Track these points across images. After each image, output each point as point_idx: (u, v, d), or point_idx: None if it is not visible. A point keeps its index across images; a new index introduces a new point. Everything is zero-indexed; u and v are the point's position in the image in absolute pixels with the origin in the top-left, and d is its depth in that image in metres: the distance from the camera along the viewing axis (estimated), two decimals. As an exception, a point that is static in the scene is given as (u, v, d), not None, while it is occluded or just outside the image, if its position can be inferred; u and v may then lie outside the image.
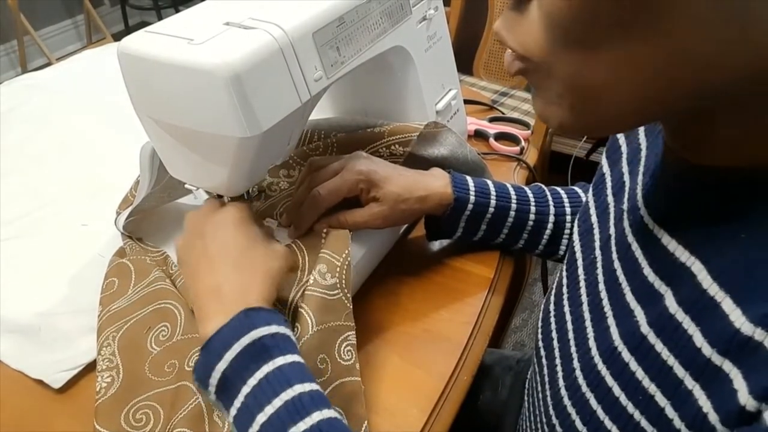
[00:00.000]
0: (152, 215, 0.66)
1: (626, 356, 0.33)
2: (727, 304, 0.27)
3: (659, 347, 0.30)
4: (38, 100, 0.98)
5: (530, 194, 0.60)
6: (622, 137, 0.46)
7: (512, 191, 0.60)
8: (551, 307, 0.47)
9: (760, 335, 0.25)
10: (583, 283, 0.42)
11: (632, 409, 0.32)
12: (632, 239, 0.36)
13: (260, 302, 0.43)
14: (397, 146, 0.64)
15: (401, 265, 0.63)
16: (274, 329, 0.42)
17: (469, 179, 0.59)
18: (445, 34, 0.70)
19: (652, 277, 0.33)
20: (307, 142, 0.68)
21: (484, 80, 1.65)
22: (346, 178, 0.55)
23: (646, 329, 0.32)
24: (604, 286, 0.38)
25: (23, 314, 0.59)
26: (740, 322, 0.26)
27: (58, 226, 0.72)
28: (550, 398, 0.42)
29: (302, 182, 0.58)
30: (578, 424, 0.37)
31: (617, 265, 0.37)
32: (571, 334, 0.41)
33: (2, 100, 0.98)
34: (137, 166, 0.60)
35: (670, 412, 0.29)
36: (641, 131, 0.43)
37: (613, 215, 0.42)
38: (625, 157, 0.44)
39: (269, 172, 0.66)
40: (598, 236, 0.43)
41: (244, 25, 0.45)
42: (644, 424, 0.31)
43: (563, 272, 0.47)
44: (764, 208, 0.27)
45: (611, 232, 0.40)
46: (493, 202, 0.58)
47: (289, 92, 0.46)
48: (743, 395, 0.24)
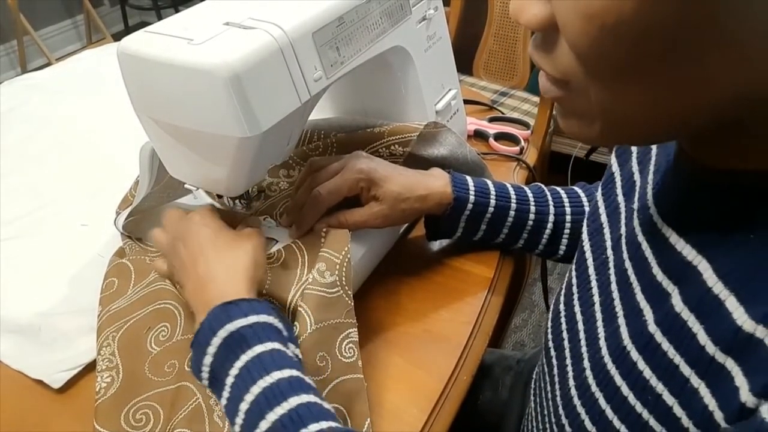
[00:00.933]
0: (152, 215, 0.66)
1: (634, 356, 0.33)
2: (731, 302, 0.27)
3: (666, 346, 0.31)
4: (38, 100, 0.98)
5: (530, 194, 0.60)
6: None
7: (512, 191, 0.60)
8: (561, 307, 0.46)
9: (761, 333, 0.25)
10: (594, 283, 0.42)
11: (640, 408, 0.32)
12: (642, 238, 0.36)
13: (241, 293, 0.45)
14: (396, 146, 0.64)
15: (401, 265, 0.63)
16: (252, 319, 0.43)
17: (468, 179, 0.59)
18: (444, 34, 0.70)
19: (660, 276, 0.33)
20: (306, 142, 0.68)
21: (483, 80, 1.66)
22: (346, 177, 0.55)
23: (653, 328, 0.32)
24: (616, 286, 0.38)
25: (23, 314, 0.59)
26: (742, 320, 0.26)
27: (58, 226, 0.72)
28: (559, 398, 0.42)
29: (302, 183, 0.58)
30: (588, 423, 0.37)
31: (628, 264, 0.37)
32: (582, 334, 0.41)
33: (2, 100, 0.98)
34: (137, 166, 0.60)
35: (677, 411, 0.29)
36: None
37: (624, 215, 0.41)
38: (635, 156, 0.44)
39: (269, 172, 0.66)
40: (608, 236, 0.43)
41: (243, 25, 0.45)
42: (653, 423, 0.31)
43: (573, 272, 0.47)
44: (761, 201, 0.28)
45: (622, 231, 0.40)
46: (492, 201, 0.58)
47: (288, 92, 0.46)
48: (744, 393, 0.25)
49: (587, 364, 0.38)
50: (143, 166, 0.59)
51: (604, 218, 0.45)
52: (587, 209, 0.60)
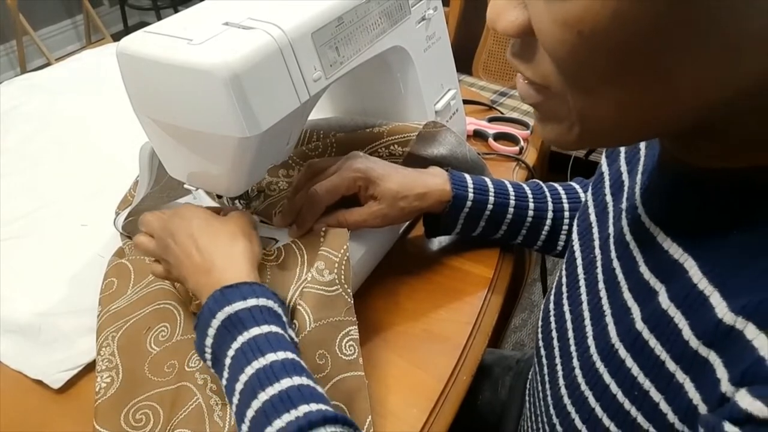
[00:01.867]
0: (152, 215, 0.66)
1: (622, 353, 0.33)
2: (715, 297, 0.27)
3: (653, 343, 0.31)
4: (38, 100, 0.98)
5: (528, 191, 0.60)
6: None
7: (510, 188, 0.60)
8: (551, 306, 0.47)
9: (740, 324, 0.25)
10: (582, 282, 0.42)
11: (629, 405, 0.32)
12: (630, 238, 0.37)
13: (242, 276, 0.46)
14: (396, 146, 0.64)
15: (401, 265, 0.63)
16: (251, 302, 0.44)
17: (467, 176, 0.59)
18: (444, 34, 0.70)
19: (647, 274, 0.33)
20: (306, 142, 0.68)
21: (483, 80, 1.65)
22: (343, 176, 0.55)
23: (640, 326, 0.32)
24: (603, 285, 0.38)
25: (23, 314, 0.59)
26: (723, 312, 0.26)
27: (58, 226, 0.72)
28: (550, 398, 0.42)
29: (301, 185, 0.58)
30: (578, 422, 0.37)
31: (616, 263, 0.37)
32: (570, 333, 0.41)
33: (2, 100, 0.98)
34: (137, 165, 0.60)
35: (664, 406, 0.30)
36: None
37: (612, 214, 0.42)
38: (623, 156, 0.44)
39: (268, 171, 0.66)
40: (597, 235, 0.43)
41: (243, 25, 0.45)
42: (641, 420, 0.31)
43: (563, 271, 0.47)
44: (757, 206, 0.28)
45: (610, 231, 0.41)
46: (491, 199, 0.58)
47: (288, 92, 0.46)
48: (724, 383, 0.25)
49: (576, 363, 0.39)
50: (143, 166, 0.59)
51: (593, 218, 0.45)
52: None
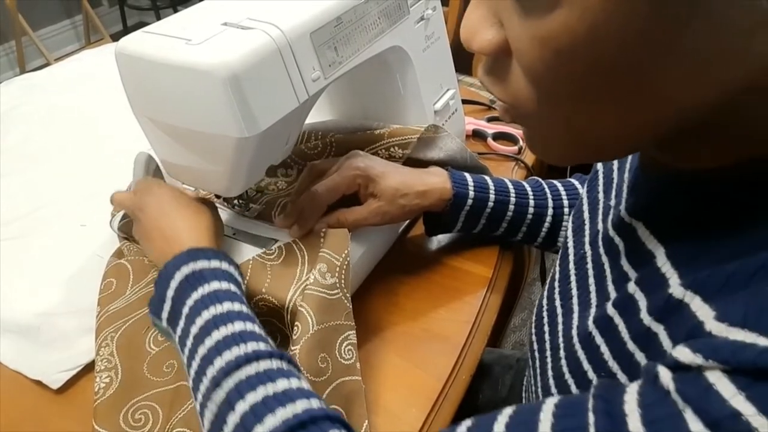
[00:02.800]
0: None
1: (598, 339, 0.34)
2: (674, 279, 0.28)
3: (621, 326, 0.32)
4: (37, 100, 0.98)
5: (528, 188, 0.61)
6: None
7: (510, 186, 0.60)
8: (544, 302, 0.47)
9: (688, 297, 0.26)
10: (573, 277, 0.43)
11: None
12: (613, 233, 0.38)
13: (203, 243, 0.48)
14: (396, 148, 0.64)
15: (400, 264, 0.63)
16: (214, 264, 0.46)
17: (467, 175, 0.59)
18: (443, 34, 0.70)
19: (626, 265, 0.34)
20: (304, 142, 0.68)
21: (482, 80, 1.66)
22: (343, 174, 0.56)
23: (611, 311, 0.33)
24: (593, 279, 0.39)
25: (23, 314, 0.59)
26: (674, 287, 0.27)
27: (57, 226, 0.72)
28: (541, 390, 0.43)
29: (304, 189, 0.58)
30: None
31: (605, 259, 0.38)
32: (560, 326, 0.42)
33: (2, 100, 0.98)
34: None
35: None
36: None
37: (601, 211, 0.43)
38: None
39: (267, 171, 0.66)
40: (588, 232, 0.44)
41: (241, 25, 0.45)
42: None
43: (556, 267, 0.48)
44: (723, 194, 0.28)
45: (599, 227, 0.41)
46: (492, 196, 0.59)
47: (287, 92, 0.46)
48: (668, 356, 0.25)
49: (563, 353, 0.39)
50: (137, 174, 0.59)
51: (586, 215, 0.46)
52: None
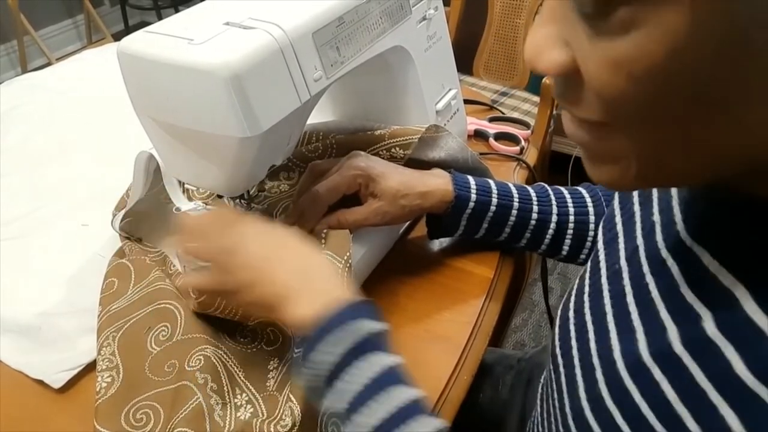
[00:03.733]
0: (151, 216, 0.66)
1: (657, 375, 0.32)
2: None
3: (693, 369, 0.29)
4: (38, 100, 0.98)
5: (533, 194, 0.60)
6: None
7: (514, 190, 0.60)
8: (570, 314, 0.45)
9: None
10: (606, 293, 0.41)
11: (661, 429, 0.31)
12: (667, 254, 0.35)
13: (348, 293, 0.43)
14: (397, 149, 0.64)
15: (401, 265, 0.63)
16: (379, 326, 0.42)
17: (470, 178, 0.59)
18: (444, 33, 0.70)
19: (690, 297, 0.31)
20: (305, 143, 0.68)
21: (484, 80, 1.65)
22: (344, 174, 0.56)
23: (679, 349, 0.31)
24: (633, 299, 0.37)
25: (23, 314, 0.59)
26: None
27: (58, 226, 0.72)
28: (569, 408, 0.41)
29: (305, 190, 0.58)
30: None
31: (649, 279, 0.36)
32: (592, 344, 0.40)
33: (2, 100, 0.98)
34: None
35: None
36: None
37: (639, 225, 0.40)
38: None
39: (268, 176, 0.66)
40: (623, 246, 0.42)
41: (243, 25, 0.45)
42: None
43: (585, 280, 0.46)
44: None
45: (639, 243, 0.39)
46: (494, 200, 0.58)
47: (288, 92, 0.46)
48: None
49: (600, 376, 0.37)
50: (137, 174, 0.59)
51: (619, 227, 0.44)
52: (591, 210, 0.60)
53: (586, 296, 0.44)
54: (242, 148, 0.46)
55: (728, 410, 0.27)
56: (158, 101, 0.47)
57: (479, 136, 0.86)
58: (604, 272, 0.43)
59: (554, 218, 0.59)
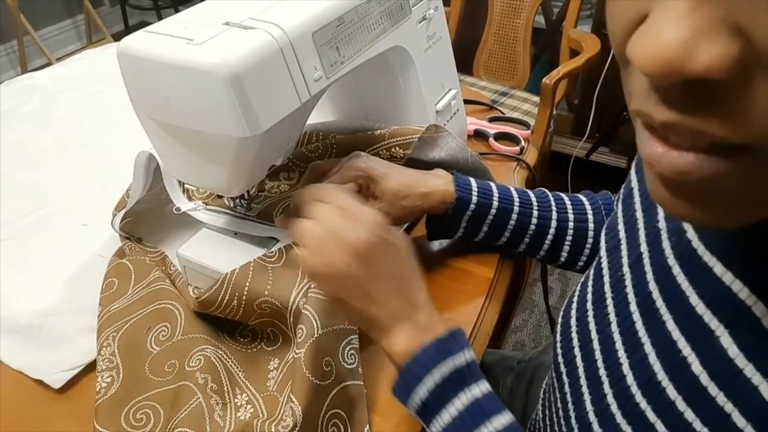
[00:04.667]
0: (151, 216, 0.66)
1: (672, 394, 0.31)
2: None
3: (714, 391, 0.28)
4: (38, 99, 0.98)
5: (533, 198, 0.60)
6: None
7: (515, 194, 0.59)
8: (573, 321, 0.45)
9: None
10: (610, 301, 0.40)
11: None
12: (674, 262, 0.34)
13: (446, 324, 0.44)
14: (397, 148, 0.64)
15: (401, 265, 0.63)
16: (468, 355, 0.42)
17: (472, 180, 0.59)
18: (444, 34, 0.70)
19: (701, 308, 0.30)
20: (305, 143, 0.68)
21: (483, 80, 1.66)
22: (344, 174, 0.55)
23: (698, 369, 0.29)
24: (637, 308, 0.36)
25: (23, 314, 0.59)
26: None
27: (58, 226, 0.71)
28: (574, 420, 0.41)
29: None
30: None
31: (653, 287, 0.35)
32: (598, 354, 0.39)
33: (2, 100, 0.98)
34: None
35: None
36: None
37: (643, 232, 0.39)
38: None
39: (268, 176, 0.66)
40: (626, 252, 0.41)
41: (243, 25, 0.45)
42: None
43: (588, 287, 0.45)
44: None
45: (643, 250, 0.38)
46: (495, 203, 0.58)
47: (288, 92, 0.46)
48: None
49: (608, 390, 0.37)
50: (138, 174, 0.59)
51: (622, 234, 0.43)
52: (590, 218, 0.60)
53: (589, 304, 0.43)
54: (242, 148, 0.46)
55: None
56: (158, 101, 0.47)
57: (479, 136, 0.86)
58: (607, 279, 0.42)
59: (554, 224, 0.59)
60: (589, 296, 0.44)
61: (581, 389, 0.40)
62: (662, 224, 0.37)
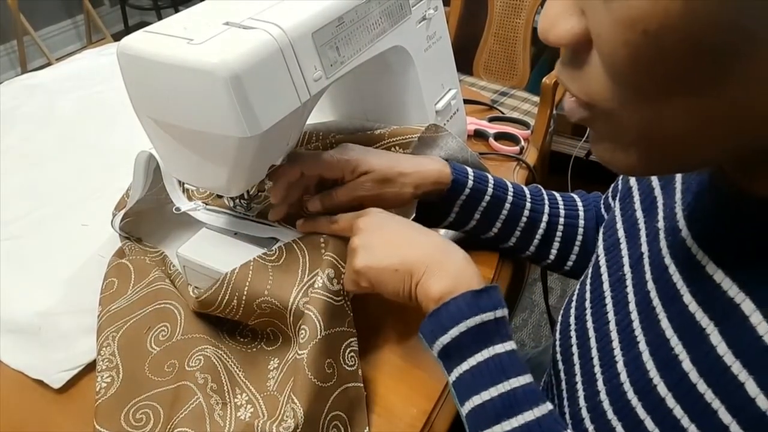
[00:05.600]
0: (151, 216, 0.66)
1: (662, 391, 0.31)
2: None
3: (702, 388, 0.29)
4: (38, 100, 0.98)
5: (527, 192, 0.60)
6: None
7: (509, 185, 0.59)
8: (571, 320, 0.45)
9: None
10: (609, 300, 0.40)
11: None
12: (670, 261, 0.34)
13: (481, 279, 0.44)
14: (396, 148, 0.64)
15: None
16: (499, 313, 0.42)
17: (467, 168, 0.59)
18: (444, 33, 0.70)
19: (693, 306, 0.31)
20: (305, 143, 0.68)
21: (483, 80, 1.66)
22: (331, 153, 0.55)
23: (688, 366, 0.30)
24: (635, 307, 0.37)
25: (23, 314, 0.59)
26: None
27: (58, 226, 0.72)
28: (568, 416, 0.41)
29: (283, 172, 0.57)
30: None
31: (651, 286, 0.35)
32: (594, 352, 0.40)
33: (2, 100, 0.98)
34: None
35: None
36: None
37: (644, 232, 0.40)
38: None
39: (268, 175, 0.66)
40: (626, 252, 0.41)
41: (243, 25, 0.45)
42: None
43: (587, 286, 0.45)
44: None
45: (643, 250, 0.39)
46: (490, 190, 0.58)
47: (288, 92, 0.46)
48: None
49: (602, 386, 0.37)
50: (138, 174, 0.59)
51: (621, 233, 0.43)
52: (581, 215, 0.60)
53: (587, 303, 0.43)
54: (242, 148, 0.46)
55: (738, 429, 0.26)
56: (158, 101, 0.47)
57: (479, 136, 0.86)
58: (606, 278, 0.42)
59: (545, 218, 0.59)
60: (587, 295, 0.44)
61: (576, 386, 0.41)
62: (661, 224, 0.38)
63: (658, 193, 0.40)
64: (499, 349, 0.41)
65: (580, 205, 0.61)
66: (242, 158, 0.47)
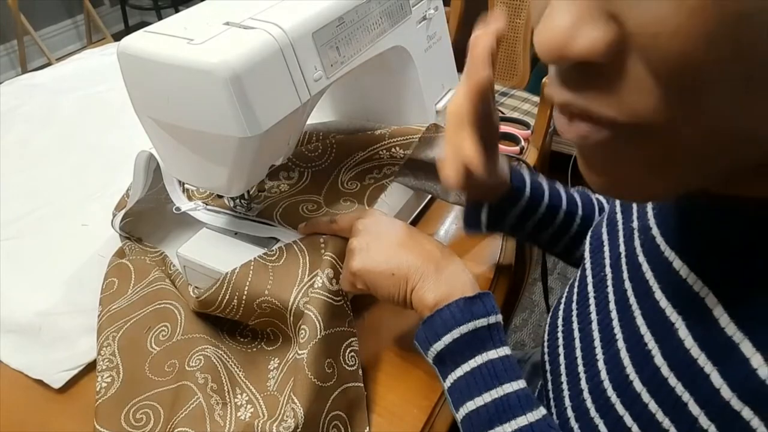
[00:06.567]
0: (151, 216, 0.66)
1: (638, 386, 0.32)
2: (746, 347, 0.25)
3: (673, 381, 0.29)
4: (38, 99, 0.98)
5: (562, 192, 0.58)
6: None
7: (545, 186, 0.57)
8: (559, 321, 0.46)
9: None
10: (592, 300, 0.41)
11: None
12: (643, 259, 0.35)
13: (475, 286, 0.44)
14: (397, 148, 0.64)
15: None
16: (493, 320, 0.42)
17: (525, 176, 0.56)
18: (445, 34, 0.70)
19: (663, 302, 0.31)
20: (305, 143, 0.68)
21: (484, 80, 1.65)
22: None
23: (660, 361, 0.30)
24: (614, 305, 0.37)
25: (23, 314, 0.59)
26: (764, 371, 0.24)
27: (58, 226, 0.71)
28: (555, 416, 0.42)
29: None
30: None
31: (628, 285, 0.36)
32: (578, 351, 0.40)
33: (2, 100, 0.98)
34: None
35: None
36: None
37: (622, 232, 0.41)
38: None
39: (269, 175, 0.66)
40: (608, 253, 0.42)
41: (243, 24, 0.45)
42: None
43: (574, 288, 0.46)
44: None
45: (621, 250, 0.39)
46: (546, 199, 0.55)
47: (288, 92, 0.46)
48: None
49: (585, 385, 0.37)
50: (137, 174, 0.59)
51: (605, 236, 0.44)
52: (579, 205, 0.59)
53: (574, 305, 0.44)
54: (242, 148, 0.46)
55: (706, 420, 0.27)
56: (158, 101, 0.47)
57: (479, 136, 0.86)
58: (590, 280, 0.43)
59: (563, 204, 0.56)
60: (574, 297, 0.45)
61: (562, 386, 0.41)
62: (635, 224, 0.39)
63: None
64: (492, 354, 0.41)
65: (578, 200, 0.59)
66: (242, 158, 0.47)
